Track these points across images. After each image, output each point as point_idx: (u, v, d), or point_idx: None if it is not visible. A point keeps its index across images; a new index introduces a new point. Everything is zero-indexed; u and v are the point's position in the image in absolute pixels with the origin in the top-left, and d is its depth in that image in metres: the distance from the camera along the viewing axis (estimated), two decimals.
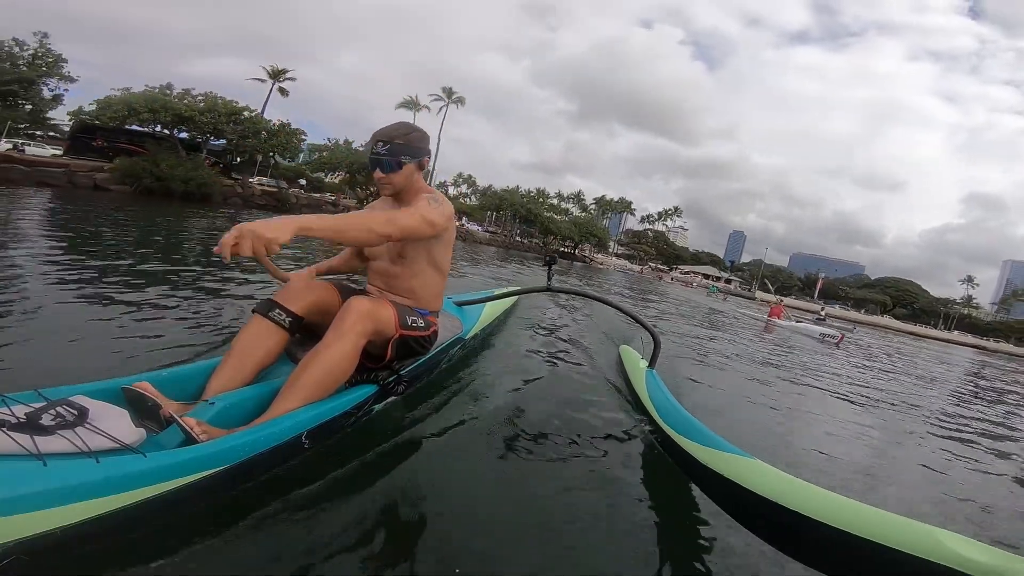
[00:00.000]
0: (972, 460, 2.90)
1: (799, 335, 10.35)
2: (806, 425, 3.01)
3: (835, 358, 7.51)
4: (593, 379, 2.77)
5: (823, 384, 4.75)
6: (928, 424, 3.81)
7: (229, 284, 3.67)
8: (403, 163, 1.59)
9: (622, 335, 4.40)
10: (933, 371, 9.54)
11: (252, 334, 1.44)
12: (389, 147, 1.57)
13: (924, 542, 0.86)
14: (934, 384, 7.20)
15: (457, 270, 8.17)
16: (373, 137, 1.60)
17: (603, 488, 1.53)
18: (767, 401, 3.35)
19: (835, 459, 2.39)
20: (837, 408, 3.76)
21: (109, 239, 5.64)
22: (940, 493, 2.23)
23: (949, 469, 2.62)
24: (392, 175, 1.59)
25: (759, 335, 8.80)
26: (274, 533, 1.10)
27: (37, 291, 2.59)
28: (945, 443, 3.20)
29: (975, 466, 2.79)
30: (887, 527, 0.92)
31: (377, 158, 1.58)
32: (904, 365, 9.37)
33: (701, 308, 13.69)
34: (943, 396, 6.04)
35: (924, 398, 5.34)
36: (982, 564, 0.79)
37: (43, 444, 0.85)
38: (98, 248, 4.81)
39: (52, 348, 1.86)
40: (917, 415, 4.16)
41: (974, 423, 4.33)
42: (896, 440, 3.12)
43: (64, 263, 3.51)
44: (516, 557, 1.15)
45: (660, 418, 1.77)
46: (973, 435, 3.72)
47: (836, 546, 0.97)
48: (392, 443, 1.64)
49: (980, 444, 3.43)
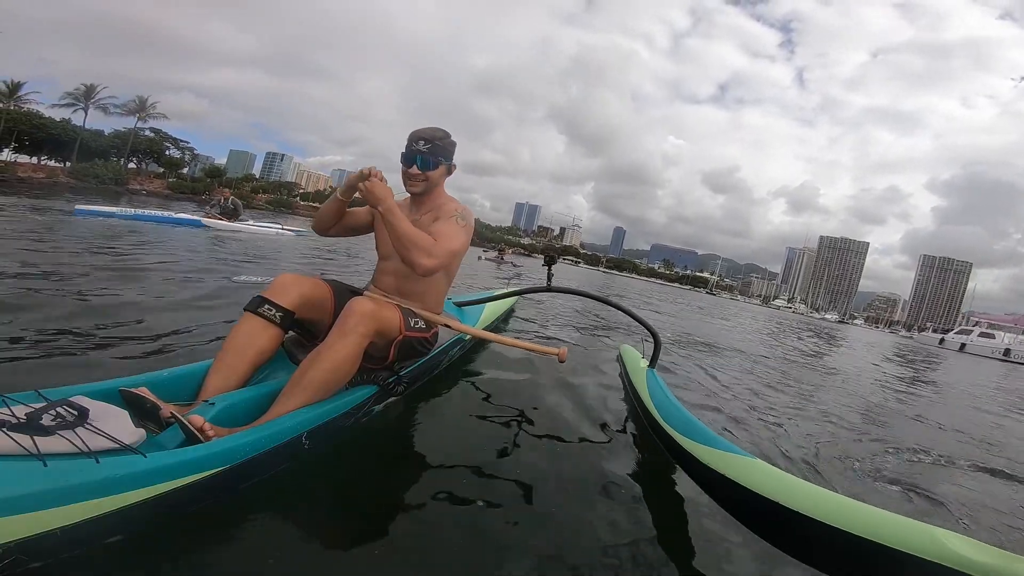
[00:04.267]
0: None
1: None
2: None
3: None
4: (593, 378, 2.77)
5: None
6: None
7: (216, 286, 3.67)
8: (440, 163, 1.68)
9: (622, 334, 4.40)
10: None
11: (244, 332, 1.44)
12: (431, 146, 1.65)
13: (924, 542, 0.86)
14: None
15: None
16: (414, 135, 1.66)
17: (603, 487, 1.53)
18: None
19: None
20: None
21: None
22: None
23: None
24: (429, 172, 1.66)
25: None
26: (274, 533, 1.10)
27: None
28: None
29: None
30: (887, 527, 0.92)
31: (417, 154, 1.64)
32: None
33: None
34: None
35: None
36: (982, 564, 0.79)
37: (43, 444, 0.85)
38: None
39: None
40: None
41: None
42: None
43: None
44: (515, 556, 1.15)
45: (661, 417, 1.77)
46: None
47: (836, 546, 0.97)
48: (392, 443, 1.64)
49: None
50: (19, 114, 35.11)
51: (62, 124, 38.08)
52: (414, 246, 1.48)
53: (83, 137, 39.05)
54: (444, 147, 1.68)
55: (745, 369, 4.31)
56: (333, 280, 1.69)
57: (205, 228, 9.25)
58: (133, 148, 43.39)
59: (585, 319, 5.17)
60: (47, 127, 35.87)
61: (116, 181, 36.08)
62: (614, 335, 4.42)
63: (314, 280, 1.59)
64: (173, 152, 49.22)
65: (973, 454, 2.75)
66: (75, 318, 2.24)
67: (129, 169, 41.82)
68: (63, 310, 2.34)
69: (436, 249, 1.52)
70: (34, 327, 2.03)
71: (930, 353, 18.38)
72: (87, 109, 41.03)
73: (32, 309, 2.26)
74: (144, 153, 45.89)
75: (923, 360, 12.43)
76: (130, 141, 43.04)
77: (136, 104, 44.36)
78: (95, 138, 40.78)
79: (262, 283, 3.86)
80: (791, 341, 8.89)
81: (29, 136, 34.75)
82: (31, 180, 30.39)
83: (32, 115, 36.14)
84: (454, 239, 1.61)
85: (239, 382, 1.39)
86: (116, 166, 39.12)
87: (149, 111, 45.29)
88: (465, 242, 1.68)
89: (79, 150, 37.60)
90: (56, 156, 38.43)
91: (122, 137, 43.10)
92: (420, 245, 1.49)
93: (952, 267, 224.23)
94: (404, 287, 1.71)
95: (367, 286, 1.79)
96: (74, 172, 33.86)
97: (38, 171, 35.38)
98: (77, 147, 37.73)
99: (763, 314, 32.10)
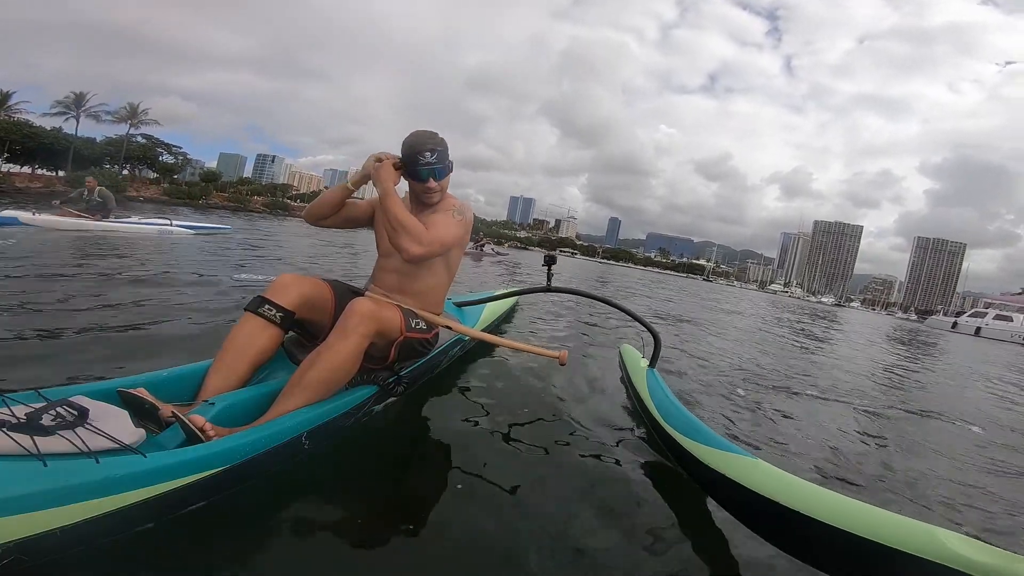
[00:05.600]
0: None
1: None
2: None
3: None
4: (593, 378, 2.77)
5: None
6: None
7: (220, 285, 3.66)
8: (448, 169, 1.67)
9: (623, 334, 4.41)
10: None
11: (244, 332, 1.44)
12: (438, 154, 1.60)
13: (924, 542, 0.86)
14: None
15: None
16: (413, 148, 1.58)
17: (604, 487, 1.53)
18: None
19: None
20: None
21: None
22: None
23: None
24: (443, 181, 1.66)
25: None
26: (274, 533, 1.10)
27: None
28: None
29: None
30: (888, 527, 0.92)
31: (431, 168, 1.60)
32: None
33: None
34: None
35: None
36: (982, 564, 0.79)
37: (43, 444, 0.85)
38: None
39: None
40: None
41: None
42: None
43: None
44: (515, 556, 1.14)
45: (661, 417, 1.77)
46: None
47: (837, 545, 0.98)
48: (391, 443, 1.64)
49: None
50: (9, 124, 35.03)
51: (54, 133, 37.93)
52: (404, 231, 1.48)
53: (76, 145, 38.92)
54: (445, 151, 1.65)
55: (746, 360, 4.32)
56: (334, 280, 1.69)
57: (25, 227, 6.70)
58: (127, 155, 43.26)
59: (585, 319, 5.17)
60: (39, 136, 35.74)
61: (113, 189, 35.96)
62: (614, 335, 4.43)
63: (314, 280, 1.59)
64: (166, 158, 49.17)
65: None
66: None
67: (123, 176, 41.66)
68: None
69: (425, 237, 1.50)
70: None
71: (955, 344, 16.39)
72: (79, 117, 40.97)
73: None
74: (138, 159, 45.75)
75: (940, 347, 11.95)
76: (124, 148, 42.91)
77: (127, 111, 44.31)
78: (88, 146, 40.66)
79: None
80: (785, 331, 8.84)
81: (21, 145, 34.62)
82: (28, 190, 30.27)
83: (23, 124, 36.04)
84: (446, 230, 1.59)
85: (239, 382, 1.39)
86: (113, 174, 38.93)
87: (141, 117, 45.27)
88: (459, 235, 1.66)
89: (72, 159, 37.47)
90: (48, 165, 38.31)
91: (115, 144, 43.00)
92: (411, 231, 1.48)
93: (946, 248, 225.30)
94: (405, 285, 1.70)
95: (367, 284, 1.79)
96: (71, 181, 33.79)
97: (34, 181, 35.21)
98: (71, 156, 37.60)
99: (760, 299, 31.48)
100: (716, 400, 2.80)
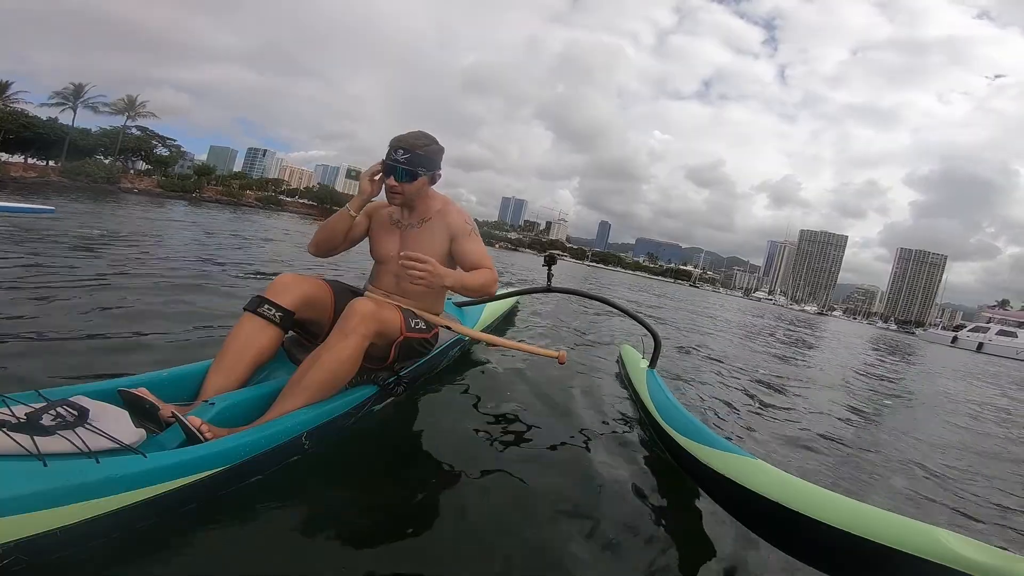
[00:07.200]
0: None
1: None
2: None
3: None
4: (593, 379, 2.77)
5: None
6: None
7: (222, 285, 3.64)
8: (418, 175, 1.61)
9: (623, 334, 4.42)
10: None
11: (244, 332, 1.43)
12: (409, 156, 1.58)
13: (924, 542, 0.86)
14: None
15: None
16: (394, 142, 1.59)
17: (604, 488, 1.53)
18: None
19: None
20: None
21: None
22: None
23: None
24: (405, 185, 1.60)
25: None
26: (274, 533, 1.09)
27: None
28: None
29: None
30: (887, 527, 0.92)
31: (394, 165, 1.58)
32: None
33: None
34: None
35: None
36: (982, 564, 0.79)
37: (43, 444, 0.85)
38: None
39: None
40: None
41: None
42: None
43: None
44: (515, 557, 1.15)
45: (661, 418, 1.77)
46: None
47: (836, 546, 0.98)
48: (391, 444, 1.63)
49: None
50: (5, 113, 34.75)
51: (50, 123, 37.65)
52: (478, 287, 1.60)
53: (71, 136, 38.65)
54: (426, 155, 1.60)
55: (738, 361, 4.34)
56: (333, 280, 1.68)
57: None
58: (122, 146, 42.91)
59: (585, 319, 5.18)
60: (34, 126, 35.47)
61: (108, 180, 35.76)
62: (614, 335, 4.43)
63: (314, 280, 1.58)
64: (161, 150, 48.87)
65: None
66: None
67: (117, 167, 41.34)
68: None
69: (488, 275, 1.63)
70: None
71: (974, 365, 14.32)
72: (76, 108, 40.66)
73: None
74: (132, 151, 45.41)
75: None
76: (119, 139, 42.57)
77: (125, 103, 43.99)
78: (83, 137, 40.37)
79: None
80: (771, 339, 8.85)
81: (15, 135, 34.35)
82: (23, 180, 30.04)
83: (19, 114, 35.77)
84: (483, 250, 1.71)
85: (239, 382, 1.38)
86: (108, 164, 38.66)
87: (138, 110, 44.95)
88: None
89: (67, 149, 37.20)
90: (41, 155, 38.03)
91: (110, 135, 42.69)
92: (481, 282, 1.60)
93: (928, 260, 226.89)
94: (405, 285, 1.69)
95: (366, 285, 1.78)
96: (66, 171, 33.44)
97: (29, 171, 34.91)
98: (66, 146, 37.33)
99: (744, 306, 31.08)
100: (714, 401, 2.82)
